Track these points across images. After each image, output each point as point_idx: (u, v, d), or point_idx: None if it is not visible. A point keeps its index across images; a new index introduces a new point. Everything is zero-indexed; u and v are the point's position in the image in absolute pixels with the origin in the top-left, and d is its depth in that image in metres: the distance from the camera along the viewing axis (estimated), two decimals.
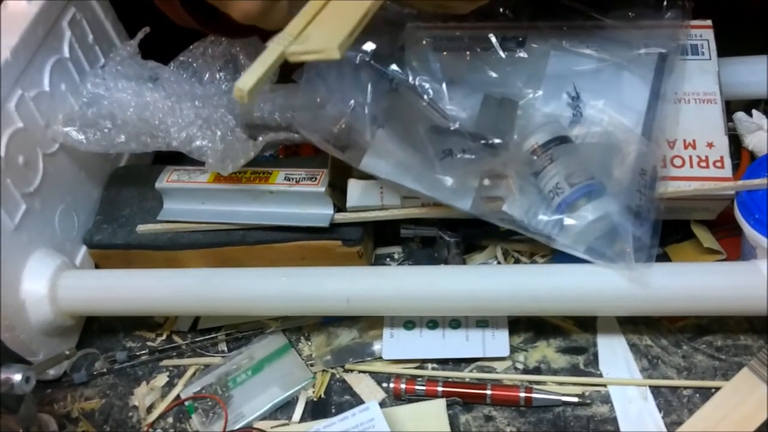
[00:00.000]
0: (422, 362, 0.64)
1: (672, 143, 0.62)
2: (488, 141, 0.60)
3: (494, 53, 0.66)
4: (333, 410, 0.62)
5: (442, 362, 0.63)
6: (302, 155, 0.76)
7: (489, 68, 0.65)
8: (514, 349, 0.63)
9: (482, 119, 0.63)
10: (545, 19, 0.67)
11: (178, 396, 0.65)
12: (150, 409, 0.65)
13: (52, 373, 0.66)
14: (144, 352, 0.68)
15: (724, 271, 0.59)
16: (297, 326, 0.67)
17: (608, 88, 0.64)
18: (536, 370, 0.62)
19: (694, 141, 0.63)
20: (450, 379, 0.62)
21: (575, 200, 0.59)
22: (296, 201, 0.66)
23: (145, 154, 0.75)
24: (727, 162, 0.61)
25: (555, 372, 0.62)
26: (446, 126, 0.60)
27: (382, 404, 0.61)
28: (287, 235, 0.66)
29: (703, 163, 0.62)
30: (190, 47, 0.69)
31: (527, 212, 0.61)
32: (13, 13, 0.65)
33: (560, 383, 0.61)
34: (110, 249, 0.69)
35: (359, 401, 0.62)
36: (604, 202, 0.58)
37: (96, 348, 0.69)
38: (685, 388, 0.59)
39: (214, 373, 0.65)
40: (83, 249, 0.71)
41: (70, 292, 0.64)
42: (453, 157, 0.61)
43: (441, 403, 0.60)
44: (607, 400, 0.59)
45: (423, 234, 0.69)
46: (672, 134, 0.63)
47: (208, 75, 0.68)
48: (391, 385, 0.61)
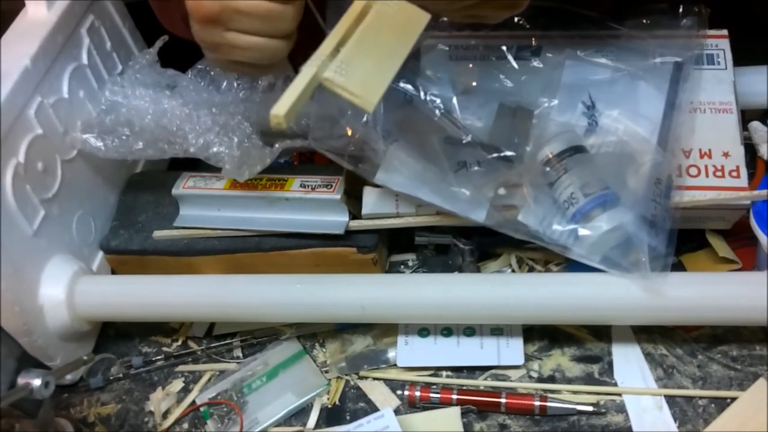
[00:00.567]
0: (437, 370, 0.64)
1: (688, 152, 0.63)
2: (503, 153, 0.60)
3: (509, 62, 0.66)
4: (347, 417, 0.62)
5: (457, 370, 0.64)
6: (317, 162, 0.76)
7: (504, 77, 0.66)
8: (528, 358, 0.63)
9: (497, 129, 0.63)
10: (560, 29, 0.67)
11: (194, 401, 0.65)
12: (165, 414, 0.65)
13: (69, 378, 0.67)
14: (160, 357, 0.68)
15: (740, 281, 0.59)
16: (312, 333, 0.68)
17: (623, 98, 0.64)
18: (551, 379, 0.62)
19: (710, 150, 0.63)
20: (464, 387, 0.62)
21: (590, 210, 0.59)
22: (311, 208, 0.66)
23: (161, 160, 0.76)
24: (743, 171, 0.61)
25: (570, 381, 0.62)
26: (460, 138, 0.61)
27: (397, 411, 0.61)
28: (302, 242, 0.67)
29: (719, 173, 0.62)
30: None
31: (542, 222, 0.61)
32: (33, 21, 0.66)
33: (575, 392, 0.61)
34: (127, 254, 0.70)
35: (374, 408, 0.62)
36: (619, 212, 0.59)
37: (112, 353, 0.69)
38: (701, 398, 0.59)
39: (229, 379, 0.66)
40: (100, 254, 0.71)
41: (87, 297, 0.65)
42: (467, 169, 0.61)
43: (455, 410, 0.60)
44: (622, 409, 0.59)
45: (437, 241, 0.69)
46: (687, 144, 0.63)
47: (225, 83, 0.68)
48: (406, 393, 0.62)
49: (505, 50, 0.67)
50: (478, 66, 0.67)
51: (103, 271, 0.71)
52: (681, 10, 0.65)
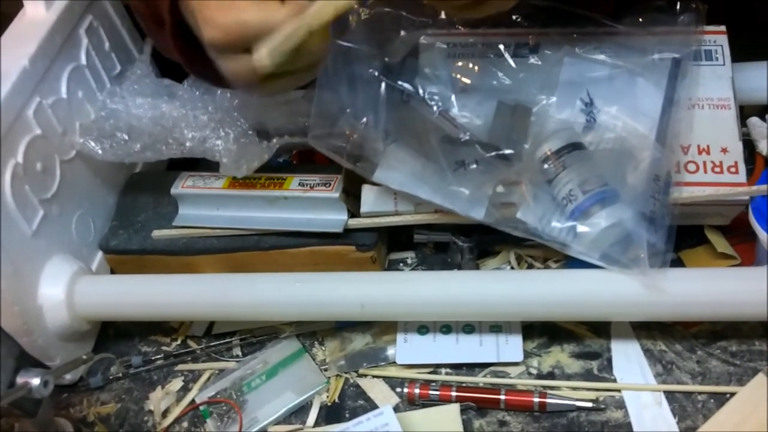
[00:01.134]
0: (436, 367, 0.64)
1: (686, 149, 0.62)
2: (501, 151, 0.60)
3: (507, 60, 0.66)
4: (347, 415, 0.62)
5: (456, 367, 0.64)
6: (316, 161, 0.76)
7: (502, 75, 0.66)
8: (527, 354, 0.63)
9: (496, 127, 0.63)
10: (558, 26, 0.67)
11: (193, 400, 0.65)
12: (165, 413, 0.65)
13: (69, 378, 0.67)
14: (159, 356, 0.68)
15: (740, 277, 0.58)
16: (311, 331, 0.68)
17: (622, 94, 0.64)
18: (550, 375, 0.62)
19: (708, 146, 0.62)
20: (464, 384, 0.62)
21: (589, 207, 0.59)
22: (310, 206, 0.66)
23: (160, 160, 0.76)
24: (742, 167, 0.61)
25: (569, 377, 0.62)
26: (458, 136, 0.61)
27: (396, 409, 0.61)
28: (301, 241, 0.67)
29: (717, 169, 0.62)
30: None
31: (541, 219, 0.61)
32: (32, 21, 0.66)
33: (574, 388, 0.61)
34: (126, 254, 0.70)
35: (373, 406, 0.62)
36: (618, 209, 0.59)
37: (112, 353, 0.69)
38: (700, 393, 0.59)
39: (229, 378, 0.66)
40: (99, 254, 0.71)
41: (87, 297, 0.65)
42: (466, 168, 0.61)
43: (455, 407, 0.60)
44: (621, 405, 0.59)
45: (436, 239, 0.69)
46: (686, 140, 0.63)
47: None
48: (405, 390, 0.62)
49: (503, 48, 0.67)
50: (477, 64, 0.67)
51: (102, 271, 0.71)
52: (678, 7, 0.65)
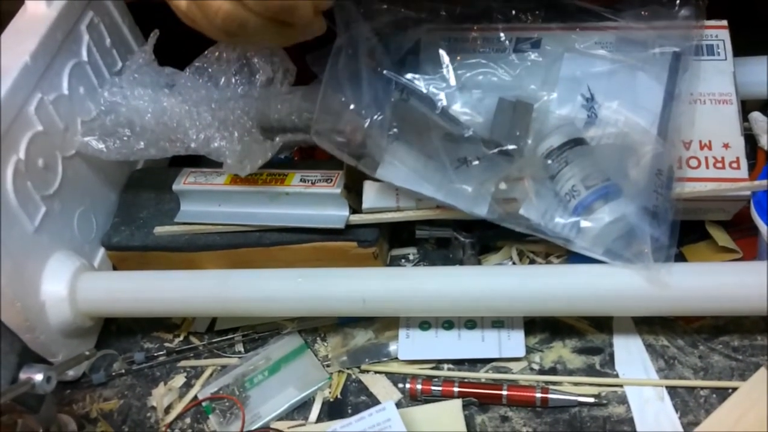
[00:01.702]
0: (438, 363, 0.64)
1: (688, 144, 0.62)
2: (503, 147, 0.60)
3: (508, 55, 0.66)
4: (349, 410, 0.62)
5: (458, 363, 0.64)
6: (317, 157, 0.76)
7: (503, 71, 0.66)
8: (529, 350, 0.63)
9: (497, 123, 0.63)
10: (559, 21, 0.67)
11: (196, 396, 0.65)
12: (168, 409, 0.65)
13: (71, 374, 0.67)
14: (162, 353, 0.69)
15: (744, 271, 0.58)
16: (313, 327, 0.68)
17: (623, 89, 0.64)
18: (552, 371, 0.62)
19: (710, 142, 0.63)
20: (466, 380, 0.62)
21: (592, 202, 0.59)
22: (312, 202, 0.66)
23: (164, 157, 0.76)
24: (743, 163, 0.61)
25: (571, 372, 0.62)
26: (460, 133, 0.61)
27: (398, 404, 0.61)
28: (303, 237, 0.67)
29: (719, 164, 0.62)
30: (205, 52, 0.69)
31: (544, 215, 0.61)
32: (33, 18, 0.66)
33: (576, 384, 0.61)
34: (128, 251, 0.70)
35: (375, 402, 0.62)
36: (621, 204, 0.59)
37: (114, 349, 0.69)
38: (702, 388, 0.59)
39: (231, 374, 0.66)
40: (101, 251, 0.71)
41: (89, 293, 0.65)
42: (468, 165, 0.61)
43: (457, 403, 0.60)
44: (623, 400, 0.59)
45: (438, 235, 0.69)
46: (688, 135, 0.63)
47: (223, 79, 0.68)
48: (407, 386, 0.62)
49: (505, 43, 0.67)
50: (478, 60, 0.67)
51: (104, 268, 0.71)
52: (678, 1, 0.65)
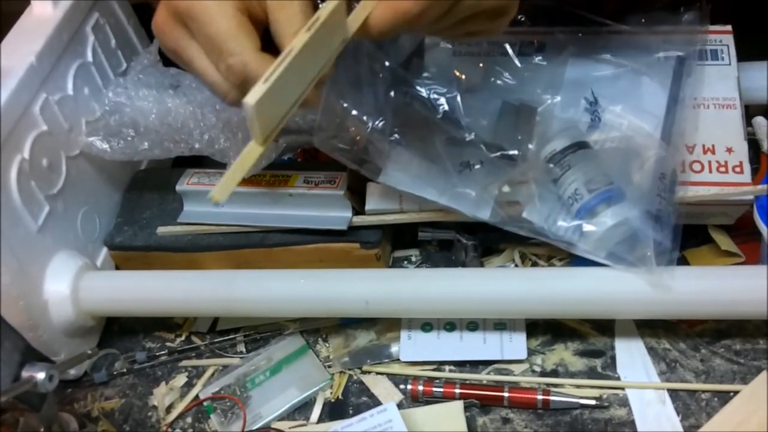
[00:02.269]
0: (439, 364, 0.64)
1: (691, 148, 0.63)
2: (506, 151, 0.60)
3: (512, 59, 0.66)
4: (351, 411, 0.62)
5: (460, 364, 0.64)
6: (321, 159, 0.76)
7: (507, 74, 0.66)
8: (531, 352, 0.63)
9: (501, 127, 0.63)
10: (563, 25, 0.67)
11: (197, 396, 0.65)
12: (169, 409, 0.65)
13: (73, 373, 0.67)
14: (163, 352, 0.69)
15: (746, 275, 0.58)
16: (315, 328, 0.68)
17: (626, 93, 0.64)
18: (554, 373, 0.62)
19: (714, 146, 0.63)
20: (467, 381, 0.62)
21: (595, 206, 0.59)
22: (315, 204, 0.66)
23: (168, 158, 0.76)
24: (747, 167, 0.61)
25: (572, 375, 0.62)
26: (463, 137, 0.61)
27: (400, 406, 0.61)
28: (306, 238, 0.67)
29: (722, 169, 0.62)
30: None
31: (547, 219, 0.61)
32: (39, 18, 0.66)
33: (578, 386, 0.61)
34: (131, 251, 0.70)
35: (377, 403, 0.62)
36: (624, 207, 0.59)
37: (116, 348, 0.69)
38: (704, 391, 0.59)
39: (233, 374, 0.66)
40: (104, 251, 0.71)
41: (92, 293, 0.65)
42: (471, 168, 0.61)
43: (458, 404, 0.60)
44: (624, 403, 0.59)
45: (441, 237, 0.69)
46: (691, 139, 0.63)
47: None
48: (409, 387, 0.62)
49: (508, 47, 0.67)
50: (482, 63, 0.67)
51: (107, 268, 0.71)
52: (682, 6, 0.65)
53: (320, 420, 0.62)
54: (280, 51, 0.46)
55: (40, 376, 0.54)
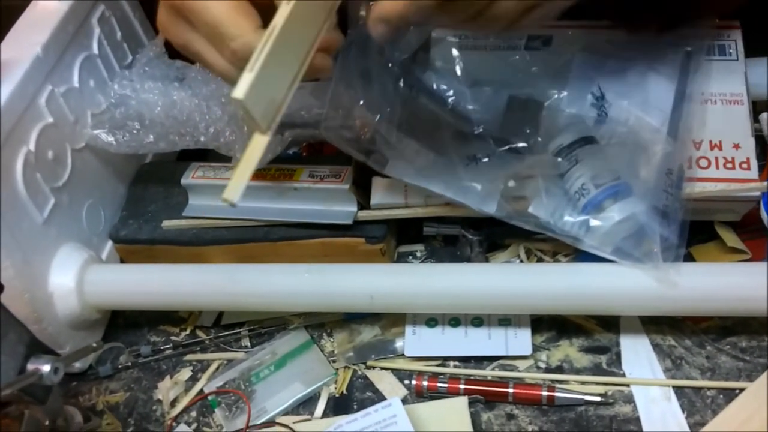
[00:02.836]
0: (444, 360, 0.64)
1: (698, 144, 0.62)
2: (513, 145, 0.60)
3: (519, 53, 0.66)
4: (355, 406, 0.62)
5: (464, 360, 0.64)
6: (326, 153, 0.76)
7: (514, 68, 0.65)
8: (536, 348, 0.63)
9: (507, 121, 0.63)
10: (570, 19, 0.67)
11: (202, 390, 0.65)
12: (174, 402, 0.65)
13: (78, 366, 0.67)
14: (168, 346, 0.69)
15: (752, 272, 0.58)
16: (319, 323, 0.68)
17: (633, 88, 0.64)
18: (559, 369, 0.62)
19: (720, 142, 0.62)
20: (472, 377, 0.62)
21: (601, 201, 0.59)
22: (320, 198, 0.66)
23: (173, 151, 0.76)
24: (753, 163, 0.61)
25: (577, 371, 0.61)
26: (470, 131, 0.61)
27: (404, 401, 0.61)
28: (311, 232, 0.67)
29: (729, 165, 0.61)
30: None
31: (553, 214, 0.61)
32: (45, 10, 0.66)
33: (583, 382, 0.61)
34: (136, 244, 0.70)
35: (381, 398, 0.62)
36: (631, 203, 0.58)
37: (121, 342, 0.69)
38: (709, 388, 0.59)
39: (237, 368, 0.66)
40: (109, 244, 0.71)
41: (97, 286, 0.65)
42: (477, 162, 0.61)
43: (463, 400, 0.60)
44: (630, 400, 0.59)
45: (446, 232, 0.69)
46: (698, 135, 0.62)
47: None
48: (413, 382, 0.62)
49: (516, 41, 0.67)
50: (488, 57, 0.67)
51: (112, 261, 0.71)
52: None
53: (325, 415, 0.62)
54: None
55: (46, 368, 0.54)
